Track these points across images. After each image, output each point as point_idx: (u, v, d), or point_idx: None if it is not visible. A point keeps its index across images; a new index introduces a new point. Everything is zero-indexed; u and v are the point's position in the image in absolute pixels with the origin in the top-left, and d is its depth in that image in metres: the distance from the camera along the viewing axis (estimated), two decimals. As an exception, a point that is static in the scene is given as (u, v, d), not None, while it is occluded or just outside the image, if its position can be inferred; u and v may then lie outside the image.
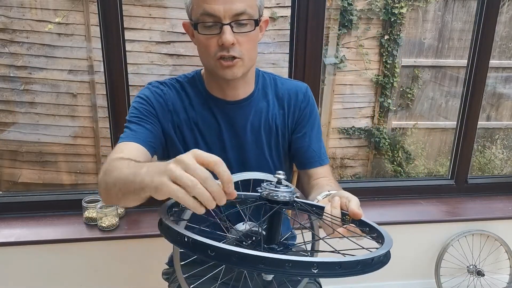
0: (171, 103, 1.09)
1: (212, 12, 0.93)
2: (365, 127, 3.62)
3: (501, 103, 3.72)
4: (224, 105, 1.10)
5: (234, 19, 0.95)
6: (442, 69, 3.62)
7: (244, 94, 1.10)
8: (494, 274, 2.09)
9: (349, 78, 3.50)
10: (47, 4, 2.71)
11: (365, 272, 0.60)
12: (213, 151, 1.08)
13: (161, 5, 2.80)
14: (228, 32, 0.94)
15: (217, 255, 0.56)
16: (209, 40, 0.97)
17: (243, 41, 0.97)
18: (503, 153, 3.76)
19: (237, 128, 1.11)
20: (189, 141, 1.10)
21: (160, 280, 1.34)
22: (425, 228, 2.00)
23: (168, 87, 1.11)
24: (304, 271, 0.56)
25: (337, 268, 0.57)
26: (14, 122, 2.87)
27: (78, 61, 2.82)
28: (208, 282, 1.09)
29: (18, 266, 1.74)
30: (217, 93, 1.10)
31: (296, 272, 0.55)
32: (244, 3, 0.94)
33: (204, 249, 0.57)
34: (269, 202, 0.72)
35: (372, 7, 3.40)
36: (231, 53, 0.96)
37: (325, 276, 0.56)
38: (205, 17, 0.95)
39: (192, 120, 1.10)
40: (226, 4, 0.93)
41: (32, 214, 1.83)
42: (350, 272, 0.58)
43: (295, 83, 1.19)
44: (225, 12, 0.93)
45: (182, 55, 2.87)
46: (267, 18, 1.05)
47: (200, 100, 1.10)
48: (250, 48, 1.00)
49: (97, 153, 3.01)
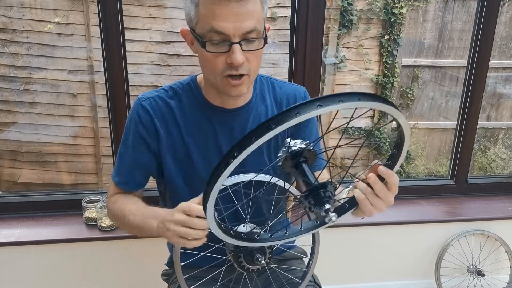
0: (158, 121, 1.06)
1: (221, 30, 0.89)
2: (365, 127, 3.62)
3: (501, 103, 3.72)
4: (222, 113, 1.08)
5: (244, 37, 0.91)
6: (442, 69, 3.63)
7: (242, 102, 1.09)
8: (494, 274, 2.09)
9: (349, 78, 3.51)
10: (47, 4, 2.71)
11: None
12: (210, 159, 1.08)
13: (161, 5, 2.80)
14: (238, 51, 0.91)
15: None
16: (216, 58, 0.93)
17: (251, 58, 0.94)
18: (506, 153, 3.76)
19: (235, 135, 1.09)
20: (180, 156, 1.08)
21: (159, 280, 1.34)
22: (425, 228, 2.00)
23: (156, 102, 1.07)
24: (310, 109, 0.59)
25: (339, 102, 0.59)
26: (14, 122, 2.87)
27: (78, 61, 2.82)
28: (208, 284, 1.09)
29: (18, 266, 1.74)
30: (215, 101, 1.07)
31: (304, 112, 0.58)
32: (254, 20, 0.91)
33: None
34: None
35: (372, 7, 3.40)
36: (240, 71, 0.94)
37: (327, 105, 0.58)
38: (213, 34, 0.91)
39: (184, 131, 1.07)
40: (237, 22, 0.89)
41: (32, 214, 1.83)
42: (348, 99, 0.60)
43: (293, 86, 1.18)
44: (234, 31, 0.89)
45: (182, 55, 2.87)
46: (269, 26, 1.03)
47: (196, 108, 1.08)
48: (257, 64, 0.98)
49: (97, 153, 3.01)
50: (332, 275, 1.99)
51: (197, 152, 1.08)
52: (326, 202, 0.70)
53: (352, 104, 0.60)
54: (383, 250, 2.00)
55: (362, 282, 2.04)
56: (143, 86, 2.89)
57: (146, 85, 2.90)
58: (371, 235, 1.97)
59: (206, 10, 0.90)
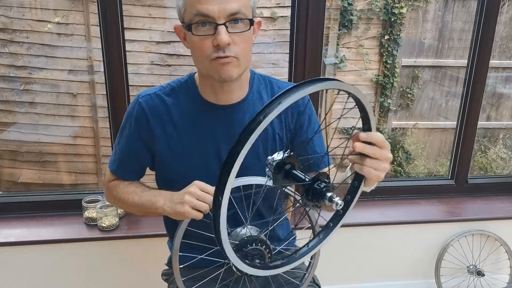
0: (153, 119, 1.08)
1: (206, 12, 0.92)
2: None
3: (501, 103, 3.72)
4: (218, 110, 1.08)
5: (229, 19, 0.93)
6: (442, 69, 3.63)
7: (238, 98, 1.08)
8: (494, 274, 2.09)
9: (349, 78, 3.50)
10: (47, 4, 2.71)
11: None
12: (206, 155, 1.08)
13: (161, 5, 2.80)
14: (224, 32, 0.93)
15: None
16: (203, 41, 0.95)
17: (238, 41, 0.96)
18: (506, 153, 3.76)
19: (231, 133, 1.08)
20: (177, 152, 1.09)
21: (159, 280, 1.34)
22: (425, 228, 2.00)
23: (152, 99, 1.09)
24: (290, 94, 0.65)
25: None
26: (14, 122, 2.87)
27: (78, 61, 2.82)
28: (207, 285, 1.09)
29: (18, 266, 1.74)
30: (210, 97, 1.08)
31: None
32: (239, 2, 0.93)
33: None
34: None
35: (372, 7, 3.40)
36: (226, 53, 0.95)
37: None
38: (199, 17, 0.93)
39: (180, 128, 1.08)
40: (221, 4, 0.92)
41: (32, 214, 1.83)
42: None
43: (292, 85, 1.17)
44: (219, 12, 0.92)
45: (182, 55, 2.87)
46: (259, 19, 1.04)
47: (192, 105, 1.09)
48: (245, 48, 0.98)
49: (97, 153, 3.01)
50: (332, 275, 1.99)
51: (193, 149, 1.08)
52: (326, 192, 0.69)
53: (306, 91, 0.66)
54: (383, 250, 2.00)
55: (362, 282, 2.04)
56: (143, 86, 2.90)
57: (146, 85, 2.90)
58: (371, 235, 1.97)
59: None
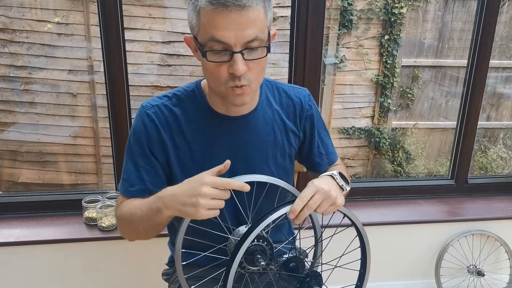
0: (164, 130, 1.05)
1: (222, 40, 0.87)
2: (365, 127, 3.62)
3: (501, 103, 3.72)
4: (228, 120, 1.06)
5: (246, 46, 0.89)
6: (442, 69, 3.62)
7: (249, 109, 1.07)
8: (494, 274, 2.09)
9: (349, 78, 3.50)
10: (47, 4, 2.71)
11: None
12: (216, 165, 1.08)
13: (161, 5, 2.80)
14: (240, 62, 0.89)
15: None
16: (219, 68, 0.92)
17: (253, 67, 0.92)
18: (506, 152, 3.76)
19: (241, 142, 1.08)
20: (186, 164, 1.07)
21: (159, 280, 1.34)
22: (425, 228, 2.00)
23: (161, 110, 1.05)
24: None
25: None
26: (14, 122, 2.87)
27: (78, 61, 2.82)
28: (209, 284, 1.09)
29: (18, 266, 1.74)
30: (220, 109, 1.06)
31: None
32: (256, 28, 0.88)
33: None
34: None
35: (372, 7, 3.40)
36: (242, 82, 0.92)
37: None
38: (214, 43, 0.89)
39: (190, 139, 1.06)
40: (238, 31, 0.87)
41: (32, 214, 1.83)
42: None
43: (297, 90, 1.17)
44: (236, 39, 0.87)
45: (182, 55, 2.87)
46: (274, 32, 1.00)
47: (201, 116, 1.06)
48: (260, 73, 0.96)
49: (97, 153, 3.01)
50: (332, 275, 1.98)
51: (203, 160, 1.07)
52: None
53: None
54: (383, 250, 2.00)
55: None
56: (143, 86, 2.90)
57: (146, 85, 2.90)
58: (371, 235, 1.96)
59: (206, 19, 0.88)
